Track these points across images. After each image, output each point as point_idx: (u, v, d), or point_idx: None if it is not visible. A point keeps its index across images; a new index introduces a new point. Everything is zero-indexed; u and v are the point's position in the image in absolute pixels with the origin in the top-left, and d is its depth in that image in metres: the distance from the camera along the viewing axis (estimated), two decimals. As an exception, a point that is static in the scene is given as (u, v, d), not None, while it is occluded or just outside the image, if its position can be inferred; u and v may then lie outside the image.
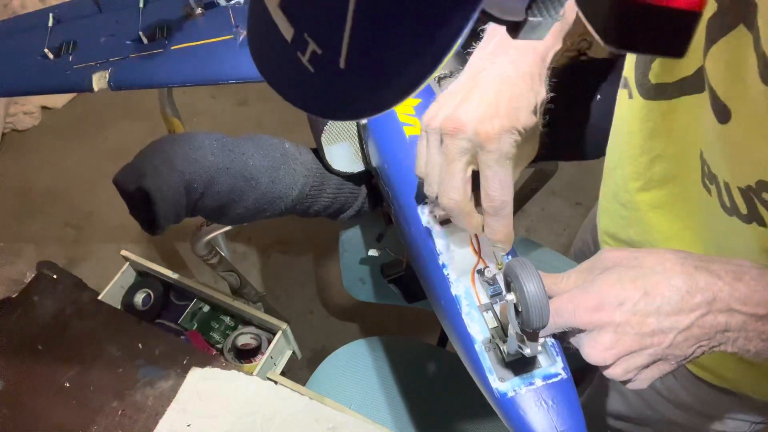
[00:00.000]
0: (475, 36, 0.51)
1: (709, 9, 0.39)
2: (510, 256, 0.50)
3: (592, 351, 0.40)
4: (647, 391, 0.70)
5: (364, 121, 0.64)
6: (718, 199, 0.46)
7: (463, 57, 0.69)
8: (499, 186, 0.44)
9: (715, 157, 0.45)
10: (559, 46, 0.51)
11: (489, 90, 0.46)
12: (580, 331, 0.42)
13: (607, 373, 0.41)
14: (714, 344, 0.40)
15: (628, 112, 0.54)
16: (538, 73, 0.48)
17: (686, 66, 0.46)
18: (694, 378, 0.63)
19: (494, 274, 0.48)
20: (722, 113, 0.41)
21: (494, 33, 0.50)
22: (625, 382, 0.42)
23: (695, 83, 0.46)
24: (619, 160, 0.58)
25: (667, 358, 0.40)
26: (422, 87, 0.26)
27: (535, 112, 0.46)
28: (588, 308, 0.40)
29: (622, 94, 0.55)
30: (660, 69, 0.48)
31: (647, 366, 0.41)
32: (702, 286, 0.39)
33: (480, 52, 0.50)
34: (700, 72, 0.44)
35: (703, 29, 0.41)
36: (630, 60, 0.52)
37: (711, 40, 0.40)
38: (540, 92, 0.48)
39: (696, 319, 0.38)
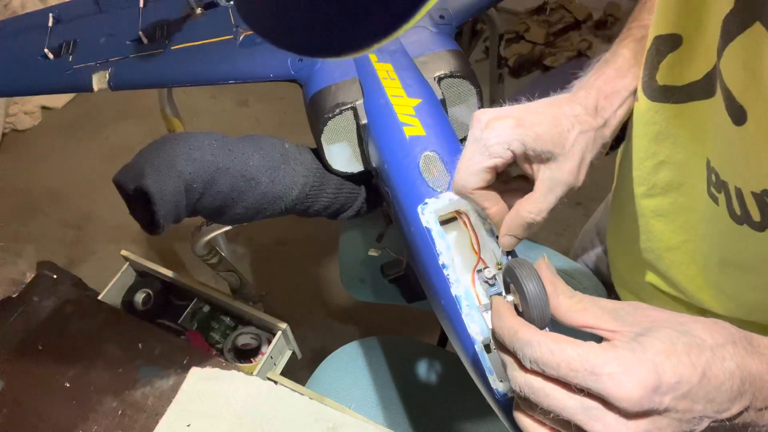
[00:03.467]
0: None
1: (726, 6, 0.38)
2: (509, 257, 0.50)
3: None
4: None
5: (363, 121, 0.64)
6: (727, 208, 0.45)
7: (466, 64, 0.69)
8: (464, 168, 0.47)
9: (727, 162, 0.44)
10: (635, 83, 0.51)
11: (531, 105, 0.48)
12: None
13: None
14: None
15: (635, 114, 0.54)
16: (595, 106, 0.49)
17: (695, 70, 0.45)
18: None
19: (494, 275, 0.48)
20: (738, 115, 0.40)
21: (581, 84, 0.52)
22: None
23: (704, 88, 0.45)
24: (627, 164, 0.58)
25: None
26: None
27: (562, 135, 0.46)
28: (642, 384, 0.31)
29: None
30: (667, 71, 0.48)
31: None
32: (753, 372, 0.34)
33: None
34: (709, 76, 0.44)
35: (719, 28, 0.40)
36: None
37: (727, 39, 0.39)
38: (587, 122, 0.47)
39: (735, 414, 0.34)
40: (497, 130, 0.45)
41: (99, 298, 0.86)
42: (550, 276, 0.38)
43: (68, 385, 0.76)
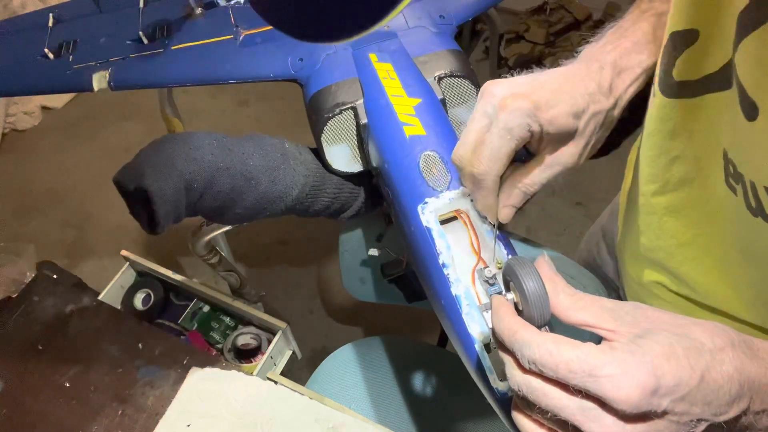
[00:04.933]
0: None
1: (741, 1, 0.38)
2: (510, 255, 0.50)
3: None
4: None
5: (364, 120, 0.64)
6: (744, 200, 0.44)
7: (466, 64, 0.69)
8: (488, 155, 0.45)
9: (742, 155, 0.44)
10: (651, 60, 0.50)
11: (543, 78, 0.46)
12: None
13: None
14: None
15: (649, 111, 0.53)
16: (609, 85, 0.47)
17: (712, 63, 0.45)
18: None
19: (494, 274, 0.48)
20: (750, 110, 0.40)
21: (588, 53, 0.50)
22: None
23: (721, 80, 0.44)
24: (637, 163, 0.58)
25: None
26: None
27: (577, 117, 0.45)
28: (641, 386, 0.31)
29: None
30: (684, 66, 0.47)
31: None
32: (752, 377, 0.34)
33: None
34: (726, 68, 0.43)
35: (734, 23, 0.40)
36: None
37: (742, 34, 0.39)
38: (600, 102, 0.46)
39: (733, 417, 0.34)
40: (514, 112, 0.44)
41: (99, 298, 0.86)
42: (550, 274, 0.38)
43: (68, 385, 0.75)
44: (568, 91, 0.45)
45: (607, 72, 0.48)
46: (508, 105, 0.44)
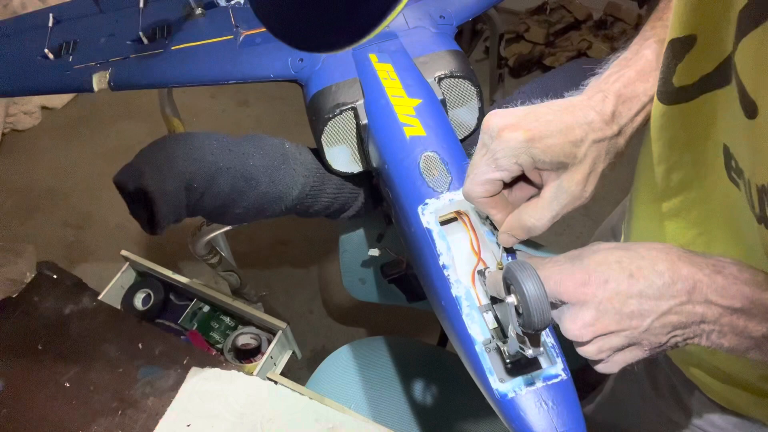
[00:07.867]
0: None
1: (741, 1, 0.38)
2: (510, 258, 0.50)
3: (572, 326, 0.41)
4: (656, 402, 0.69)
5: (364, 121, 0.64)
6: (745, 194, 0.45)
7: (466, 64, 0.69)
8: (470, 177, 0.47)
9: (741, 151, 0.44)
10: (656, 88, 0.50)
11: (542, 109, 0.47)
12: (560, 305, 0.43)
13: (582, 350, 0.42)
14: (689, 335, 0.41)
15: (651, 119, 0.53)
16: (611, 113, 0.47)
17: (709, 63, 0.45)
18: (712, 403, 0.62)
19: (494, 275, 0.48)
20: (749, 108, 0.40)
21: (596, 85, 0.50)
22: (595, 363, 0.43)
23: (718, 78, 0.44)
24: (641, 169, 0.58)
25: (642, 344, 0.41)
26: None
27: (575, 146, 0.45)
28: (575, 281, 0.41)
29: None
30: (684, 71, 0.47)
31: (621, 349, 0.42)
32: (684, 274, 0.40)
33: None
34: (723, 65, 0.44)
35: (733, 22, 0.40)
36: None
37: (742, 33, 0.39)
38: (601, 130, 0.46)
39: (674, 306, 0.40)
40: (506, 143, 0.45)
41: (99, 298, 0.86)
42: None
43: (68, 385, 0.76)
44: (565, 122, 0.46)
45: (610, 100, 0.48)
46: (501, 136, 0.45)
